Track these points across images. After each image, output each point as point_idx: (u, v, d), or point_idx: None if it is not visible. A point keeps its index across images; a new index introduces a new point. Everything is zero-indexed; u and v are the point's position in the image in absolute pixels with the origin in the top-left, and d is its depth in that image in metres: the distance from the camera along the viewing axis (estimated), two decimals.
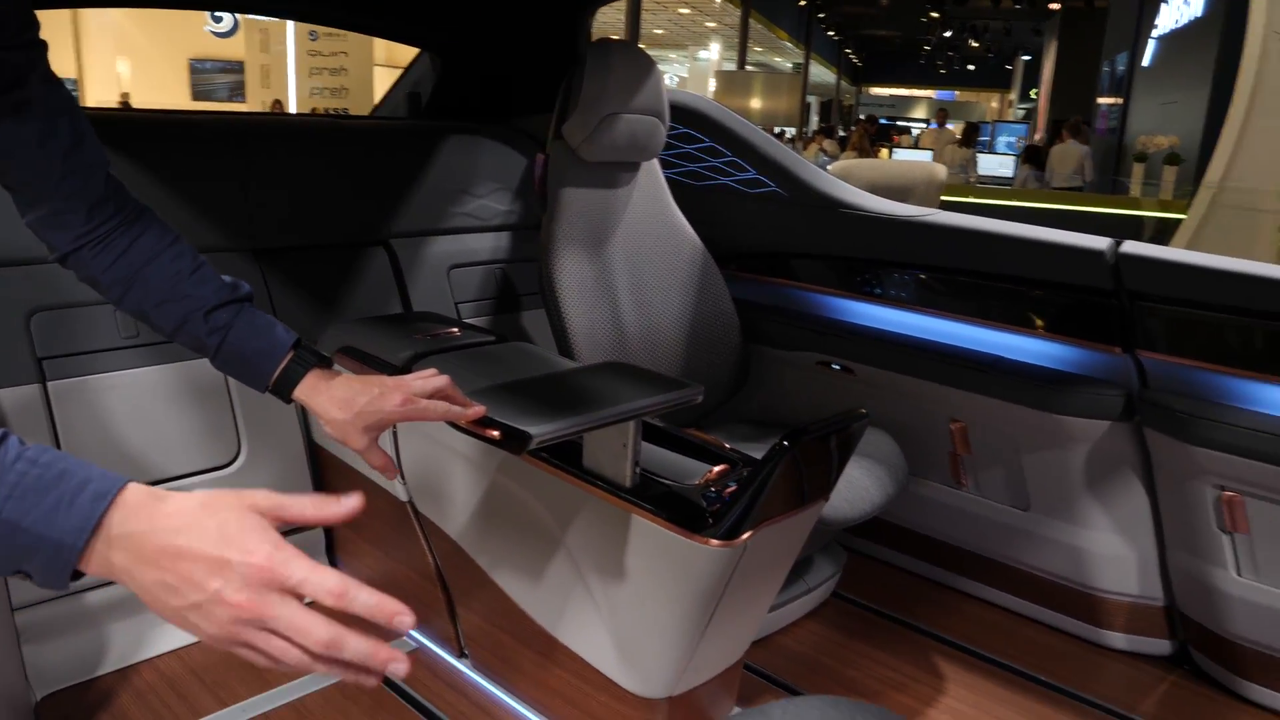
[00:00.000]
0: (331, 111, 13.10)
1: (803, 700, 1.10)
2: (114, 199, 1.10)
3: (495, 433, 1.25)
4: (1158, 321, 1.91)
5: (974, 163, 11.82)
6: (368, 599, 0.66)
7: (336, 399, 1.15)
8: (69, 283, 1.80)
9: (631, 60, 2.06)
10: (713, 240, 2.32)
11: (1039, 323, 2.08)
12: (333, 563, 2.15)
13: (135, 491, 0.68)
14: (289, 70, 13.90)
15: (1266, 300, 1.75)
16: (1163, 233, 9.16)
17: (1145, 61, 14.19)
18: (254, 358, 1.15)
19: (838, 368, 2.32)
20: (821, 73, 26.37)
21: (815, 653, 2.04)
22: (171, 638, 1.89)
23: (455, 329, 1.96)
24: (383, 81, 13.61)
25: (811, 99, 26.39)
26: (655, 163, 2.26)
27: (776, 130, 9.50)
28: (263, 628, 0.65)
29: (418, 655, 1.90)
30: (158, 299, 1.12)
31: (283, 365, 1.16)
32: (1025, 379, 2.02)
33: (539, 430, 1.23)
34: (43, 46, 1.02)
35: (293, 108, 13.58)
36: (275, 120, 2.49)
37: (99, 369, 1.82)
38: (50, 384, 1.75)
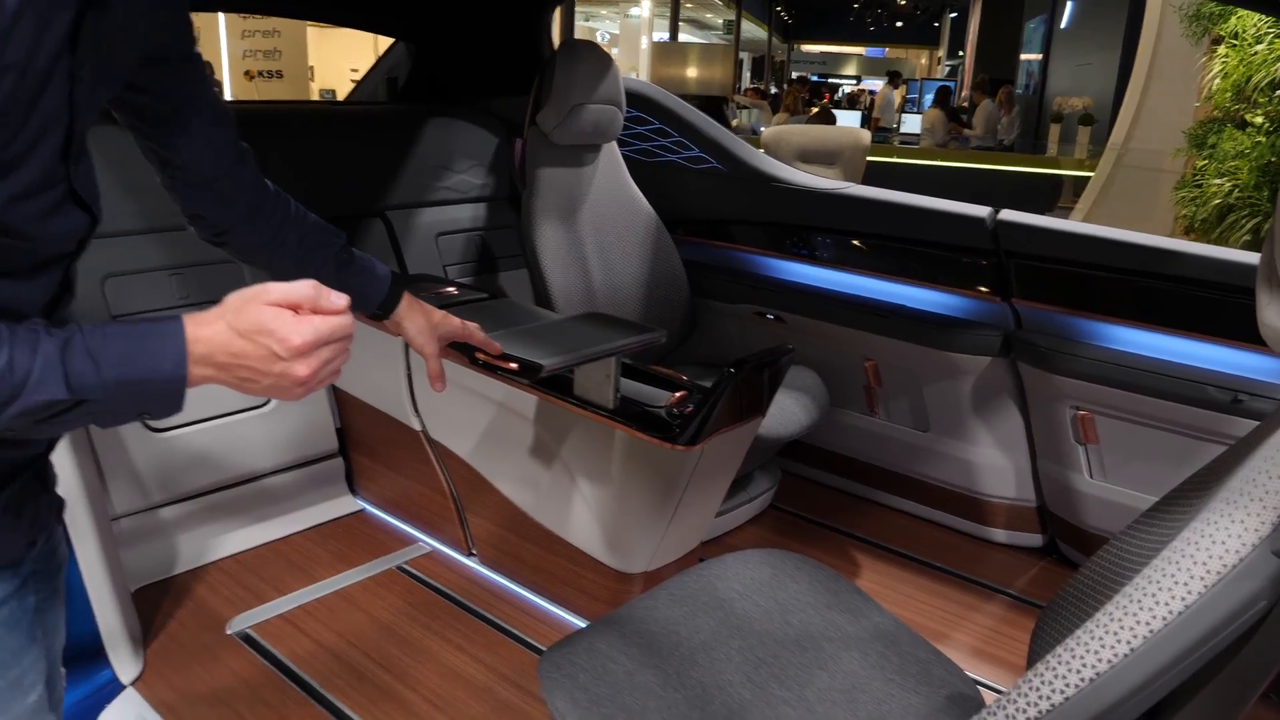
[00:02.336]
0: (266, 74, 13.06)
1: (752, 551, 1.53)
2: (257, 183, 1.29)
3: (513, 365, 1.64)
4: (1028, 276, 2.36)
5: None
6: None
7: (419, 317, 1.45)
8: (133, 253, 2.16)
9: (594, 58, 2.43)
10: (663, 209, 2.71)
11: (935, 277, 2.53)
12: (351, 489, 2.54)
13: (188, 323, 0.85)
14: (220, 32, 13.79)
15: (1112, 257, 2.21)
16: (1076, 192, 9.75)
17: (1063, 23, 14.77)
18: (366, 290, 1.40)
19: (771, 317, 2.74)
20: (753, 29, 26.64)
21: (754, 547, 2.49)
22: (233, 543, 2.27)
23: (453, 288, 2.34)
24: (315, 42, 13.56)
25: (743, 55, 26.70)
26: (614, 144, 2.64)
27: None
28: (324, 368, 0.86)
29: (433, 555, 2.30)
30: (295, 257, 1.34)
31: (385, 294, 1.43)
32: (924, 323, 2.47)
33: (548, 362, 1.63)
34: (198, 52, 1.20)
35: (225, 72, 13.49)
36: (282, 108, 2.81)
37: None
38: None
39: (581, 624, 2.05)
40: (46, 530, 1.06)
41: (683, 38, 21.90)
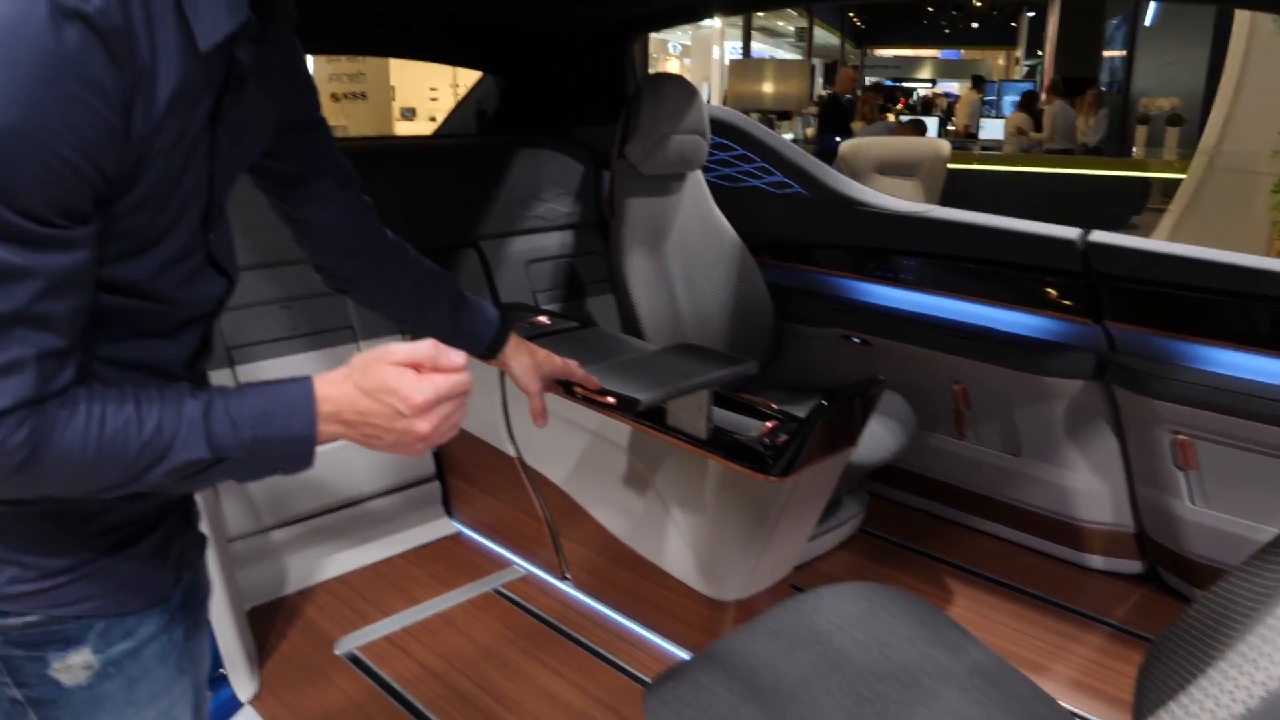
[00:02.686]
0: (350, 95, 13.47)
1: (848, 585, 1.55)
2: (379, 233, 1.37)
3: (610, 399, 1.69)
4: (1121, 297, 2.33)
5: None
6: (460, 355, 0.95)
7: (524, 356, 1.51)
8: (246, 287, 2.27)
9: (679, 89, 2.48)
10: (747, 233, 2.74)
11: (1023, 299, 2.50)
12: (448, 512, 2.62)
13: (318, 383, 0.90)
14: (307, 57, 14.24)
15: (1209, 278, 2.17)
16: (1166, 194, 9.47)
17: (1147, 20, 14.37)
18: (477, 330, 1.46)
19: (857, 340, 2.75)
20: (824, 35, 26.47)
21: (846, 574, 2.50)
22: (338, 565, 2.37)
23: (545, 318, 2.41)
24: (396, 65, 13.92)
25: (815, 61, 26.51)
26: (699, 171, 2.68)
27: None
28: (444, 423, 0.90)
29: (529, 579, 2.36)
30: (410, 303, 1.41)
31: (495, 335, 1.48)
32: (1013, 346, 2.45)
33: (645, 397, 1.67)
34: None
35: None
36: (381, 144, 2.92)
37: (269, 355, 2.27)
38: (237, 368, 2.21)
39: (676, 650, 2.09)
40: (192, 566, 1.13)
41: (754, 46, 21.88)
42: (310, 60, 14.38)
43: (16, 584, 0.94)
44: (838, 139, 7.34)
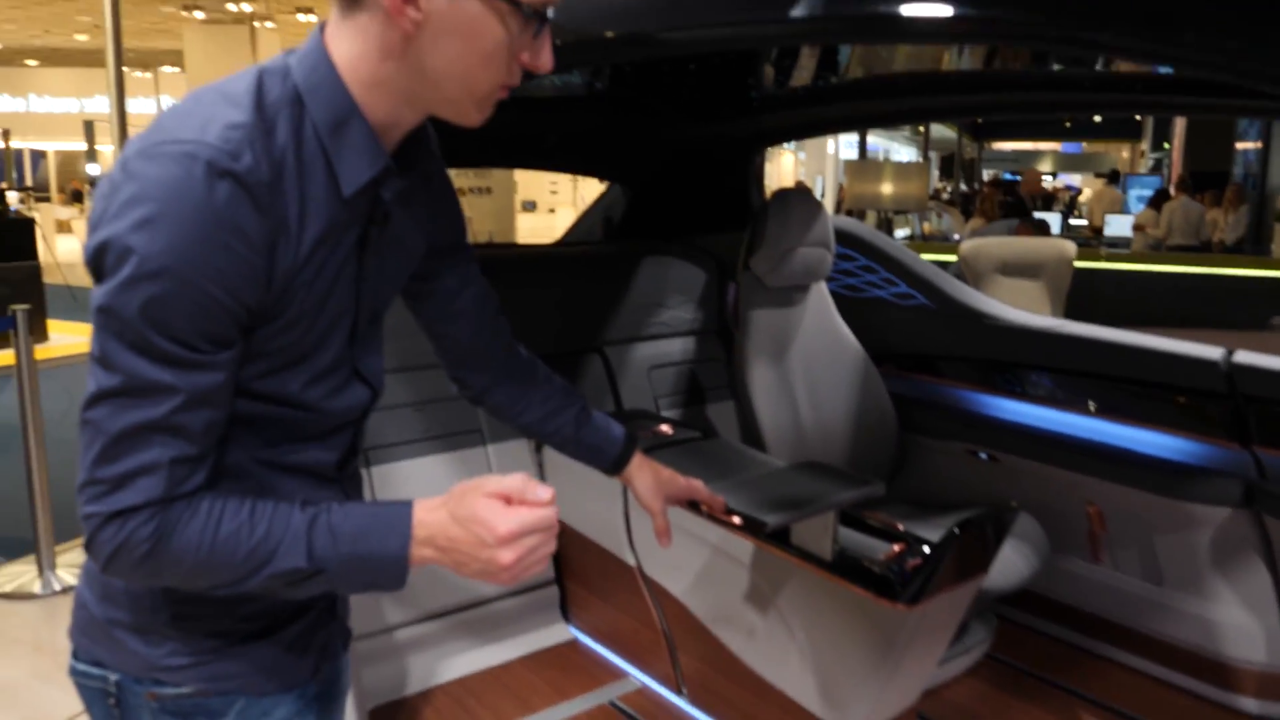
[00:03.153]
0: (476, 190, 14.09)
1: None
2: (514, 345, 1.46)
3: (737, 520, 1.69)
4: (1271, 421, 2.22)
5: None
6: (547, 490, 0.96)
7: (648, 475, 1.54)
8: (386, 391, 2.36)
9: (804, 203, 2.52)
10: (870, 343, 2.73)
11: (1162, 419, 2.41)
12: (565, 616, 2.64)
13: (416, 508, 0.96)
14: None
15: None
16: None
17: None
18: (601, 447, 1.52)
19: (984, 456, 2.68)
20: (942, 128, 26.40)
21: (973, 704, 2.39)
22: (456, 668, 2.41)
23: (666, 427, 2.44)
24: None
25: (933, 154, 26.39)
26: (823, 282, 2.70)
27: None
28: (529, 555, 0.94)
29: (644, 692, 2.35)
30: (538, 416, 1.48)
31: (620, 451, 1.53)
32: (1152, 468, 2.35)
33: (771, 520, 1.67)
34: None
35: None
36: (512, 251, 3.05)
37: (403, 456, 2.36)
38: (373, 468, 2.31)
39: None
40: (334, 657, 1.20)
41: (870, 141, 21.97)
42: None
43: (175, 656, 1.04)
44: None
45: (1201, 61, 1.04)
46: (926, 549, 1.76)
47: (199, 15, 15.58)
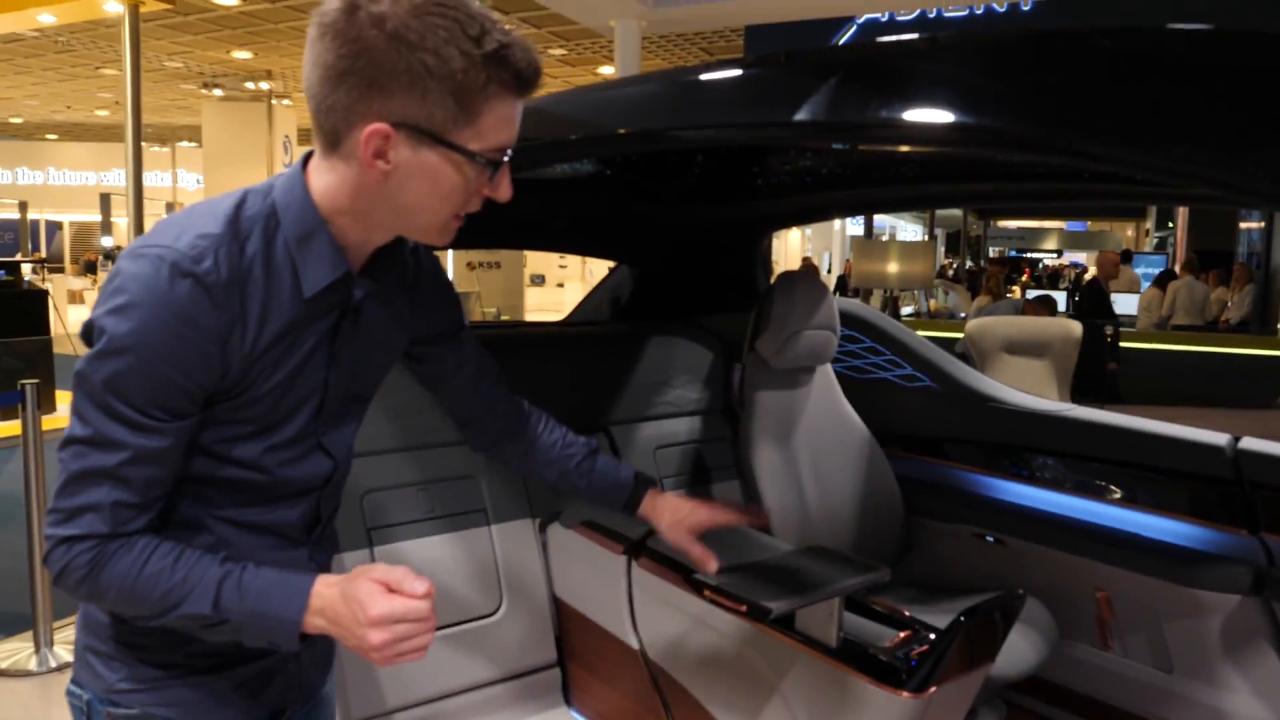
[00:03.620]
0: (485, 264, 14.27)
1: None
2: (512, 404, 1.61)
3: (742, 606, 1.69)
4: (1279, 507, 2.21)
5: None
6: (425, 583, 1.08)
7: (667, 511, 1.66)
8: (389, 470, 2.38)
9: (810, 287, 2.56)
10: (875, 425, 2.74)
11: (1170, 505, 2.40)
12: (567, 700, 2.60)
13: (317, 582, 1.11)
14: None
15: None
16: None
17: None
18: (611, 487, 1.67)
19: (991, 539, 2.67)
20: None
21: None
22: None
23: None
24: None
25: (939, 231, 26.65)
26: (828, 365, 2.72)
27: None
28: (400, 641, 1.05)
29: None
30: (545, 460, 1.64)
31: (630, 492, 1.67)
32: (1161, 555, 2.33)
33: (776, 606, 1.66)
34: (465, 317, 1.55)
35: (450, 262, 14.85)
36: (517, 331, 3.09)
37: (406, 537, 2.36)
38: (375, 548, 2.30)
39: None
40: (287, 709, 1.33)
41: (876, 219, 22.23)
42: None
43: (126, 681, 1.20)
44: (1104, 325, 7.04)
45: (1193, 176, 1.08)
46: (933, 636, 1.75)
47: (218, 93, 16.00)
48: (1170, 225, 23.34)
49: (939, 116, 1.25)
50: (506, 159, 1.13)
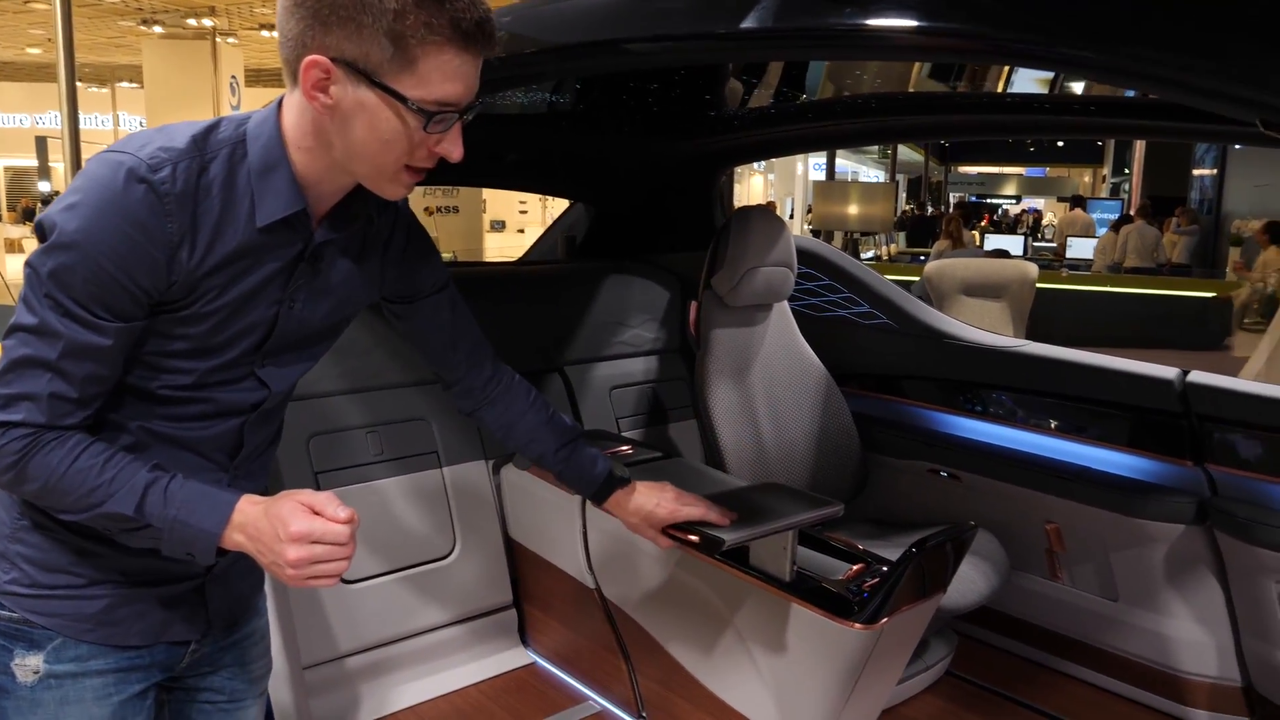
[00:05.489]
0: (444, 209, 14.05)
1: None
2: (496, 373, 1.61)
3: (694, 538, 1.68)
4: (1223, 440, 2.25)
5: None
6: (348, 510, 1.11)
7: (631, 509, 1.68)
8: (335, 413, 2.33)
9: (767, 222, 2.53)
10: (833, 363, 2.74)
11: (1119, 438, 2.43)
12: (523, 641, 2.60)
13: (242, 500, 1.13)
14: None
15: None
16: (1265, 314, 9.21)
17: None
18: (583, 479, 1.67)
19: (945, 474, 2.69)
20: (909, 152, 26.75)
21: None
22: (411, 694, 2.36)
23: (627, 446, 2.42)
24: None
25: (900, 177, 26.72)
26: (785, 302, 2.70)
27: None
28: (315, 562, 1.08)
29: (604, 715, 2.32)
30: (525, 440, 1.64)
31: (599, 487, 1.68)
32: (1109, 487, 2.37)
33: (729, 537, 1.66)
34: (451, 279, 1.54)
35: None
36: (472, 270, 3.03)
37: (355, 480, 2.32)
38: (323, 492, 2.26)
39: None
40: (181, 642, 1.32)
41: (839, 163, 22.21)
42: None
43: (15, 585, 1.21)
44: None
45: (1154, 78, 1.05)
46: (884, 569, 1.76)
47: (158, 30, 15.37)
48: (1126, 171, 23.57)
49: (909, 20, 1.20)
50: (458, 117, 1.13)
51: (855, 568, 1.82)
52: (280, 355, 1.27)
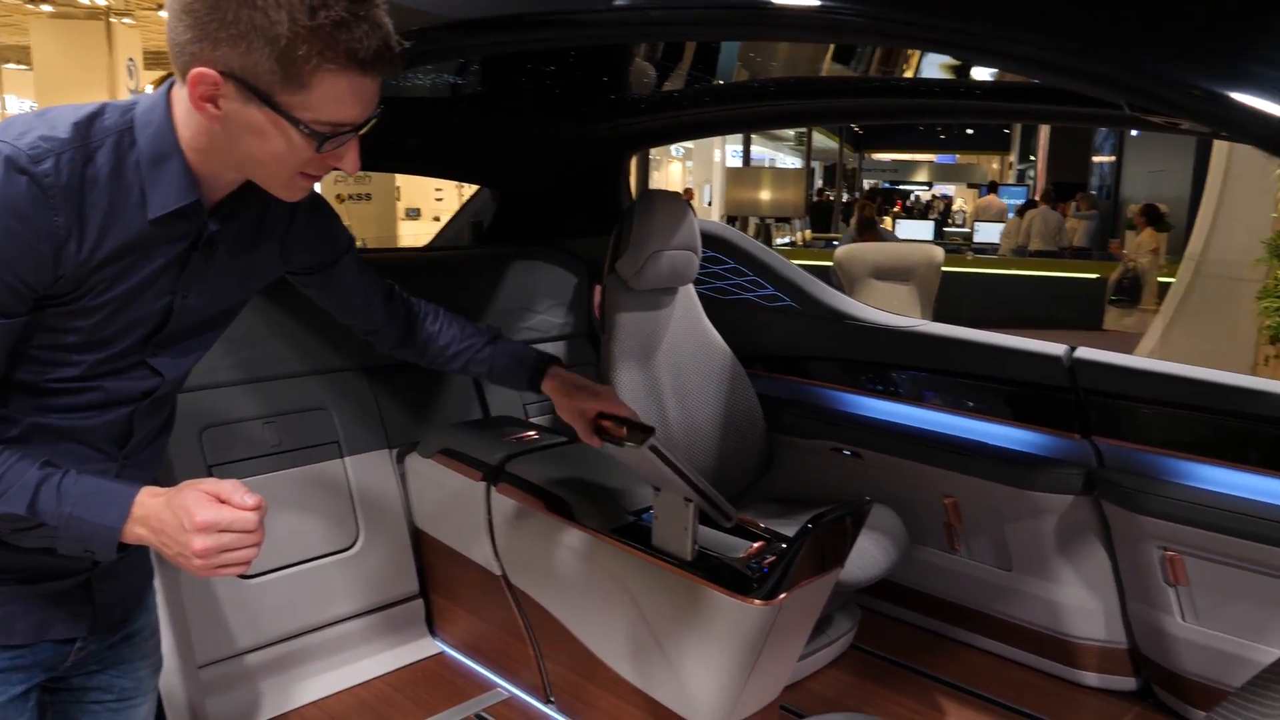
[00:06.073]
0: (356, 196, 13.74)
1: (832, 716, 1.52)
2: (407, 306, 1.66)
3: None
4: (1108, 412, 2.34)
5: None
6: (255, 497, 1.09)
7: (564, 398, 1.74)
8: (230, 404, 2.27)
9: (671, 206, 2.53)
10: (738, 345, 2.76)
11: (1012, 414, 2.51)
12: (431, 631, 2.57)
13: (141, 492, 1.10)
14: None
15: (1195, 395, 2.18)
16: (1159, 295, 9.61)
17: (1134, 130, 14.77)
18: (520, 366, 1.75)
19: (848, 453, 2.75)
20: (824, 140, 27.10)
21: (838, 694, 2.44)
22: (315, 689, 2.32)
23: (533, 432, 2.42)
24: None
25: (815, 164, 27.04)
26: (690, 286, 2.72)
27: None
28: (222, 551, 1.05)
29: (512, 702, 2.31)
30: (456, 350, 1.71)
31: (533, 370, 1.75)
32: (1003, 461, 2.44)
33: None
34: (354, 241, 1.54)
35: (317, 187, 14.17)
36: (377, 256, 2.97)
37: (252, 472, 2.26)
38: None
39: None
40: (65, 643, 1.28)
41: (755, 150, 22.40)
42: None
43: None
44: None
45: (1021, 59, 1.07)
46: (782, 545, 1.79)
47: (46, 9, 14.64)
48: (1032, 158, 24.29)
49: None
50: (355, 133, 1.12)
51: (755, 545, 1.85)
52: (174, 346, 1.24)
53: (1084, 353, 2.38)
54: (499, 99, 2.80)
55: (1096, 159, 17.12)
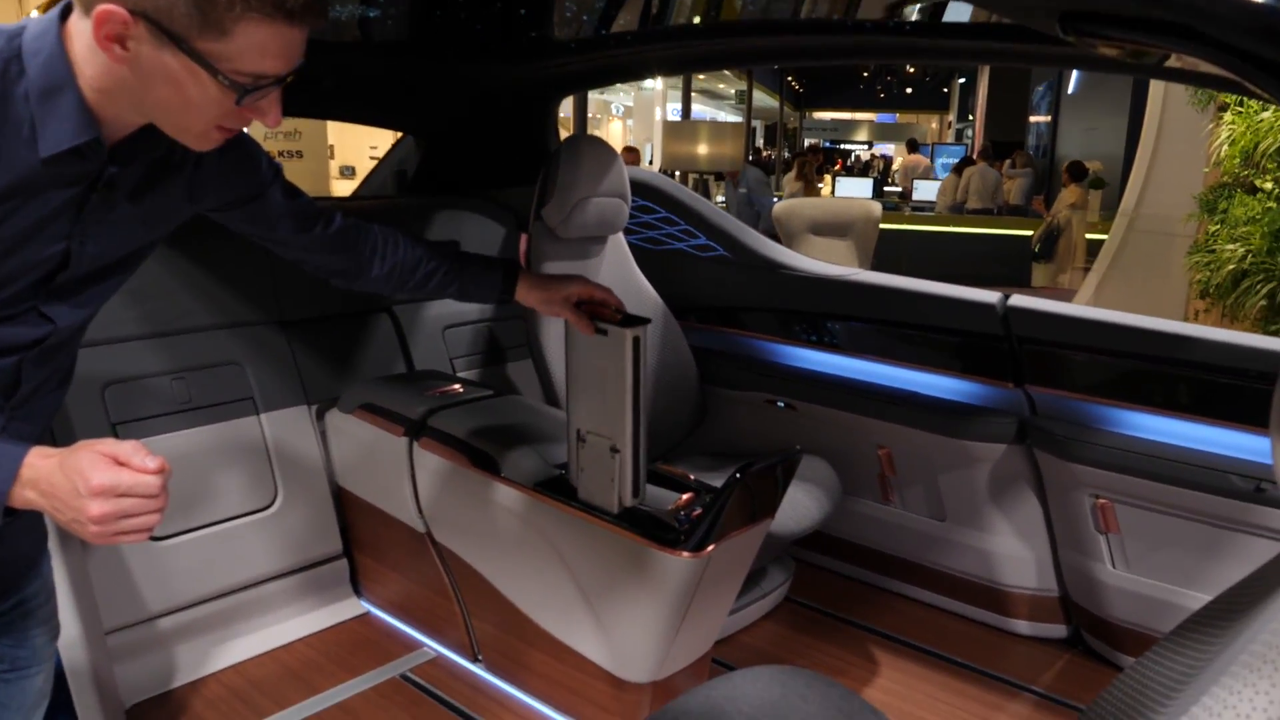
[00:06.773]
0: (287, 154, 13.34)
1: (762, 669, 1.47)
2: (361, 239, 1.57)
3: (515, 477, 1.61)
4: (1040, 361, 2.32)
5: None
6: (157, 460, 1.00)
7: (535, 292, 1.71)
8: (134, 359, 2.14)
9: (598, 151, 2.44)
10: (671, 297, 2.70)
11: (946, 363, 2.49)
12: (356, 590, 2.49)
13: (31, 453, 1.00)
14: None
15: (1126, 342, 2.17)
16: (1092, 254, 9.76)
17: (1070, 89, 14.94)
18: (482, 292, 1.70)
19: (781, 405, 2.71)
20: (765, 99, 27.01)
21: (771, 647, 2.42)
22: (233, 653, 2.23)
23: (457, 385, 2.33)
24: (336, 126, 13.87)
25: (756, 123, 26.98)
26: (620, 235, 2.64)
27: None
28: (122, 517, 0.96)
29: (438, 661, 2.25)
30: (423, 272, 1.63)
31: (503, 282, 1.69)
32: (937, 410, 2.42)
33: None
34: (280, 169, 1.44)
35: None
36: None
37: (161, 430, 2.15)
38: None
39: None
40: None
41: (696, 108, 22.22)
42: None
43: None
44: None
45: None
46: (709, 496, 1.74)
47: None
48: (970, 118, 24.49)
49: None
50: (278, 84, 1.04)
51: (684, 497, 1.80)
52: (72, 293, 1.15)
53: (1017, 300, 2.36)
54: (417, 37, 2.67)
55: (1033, 118, 17.30)
